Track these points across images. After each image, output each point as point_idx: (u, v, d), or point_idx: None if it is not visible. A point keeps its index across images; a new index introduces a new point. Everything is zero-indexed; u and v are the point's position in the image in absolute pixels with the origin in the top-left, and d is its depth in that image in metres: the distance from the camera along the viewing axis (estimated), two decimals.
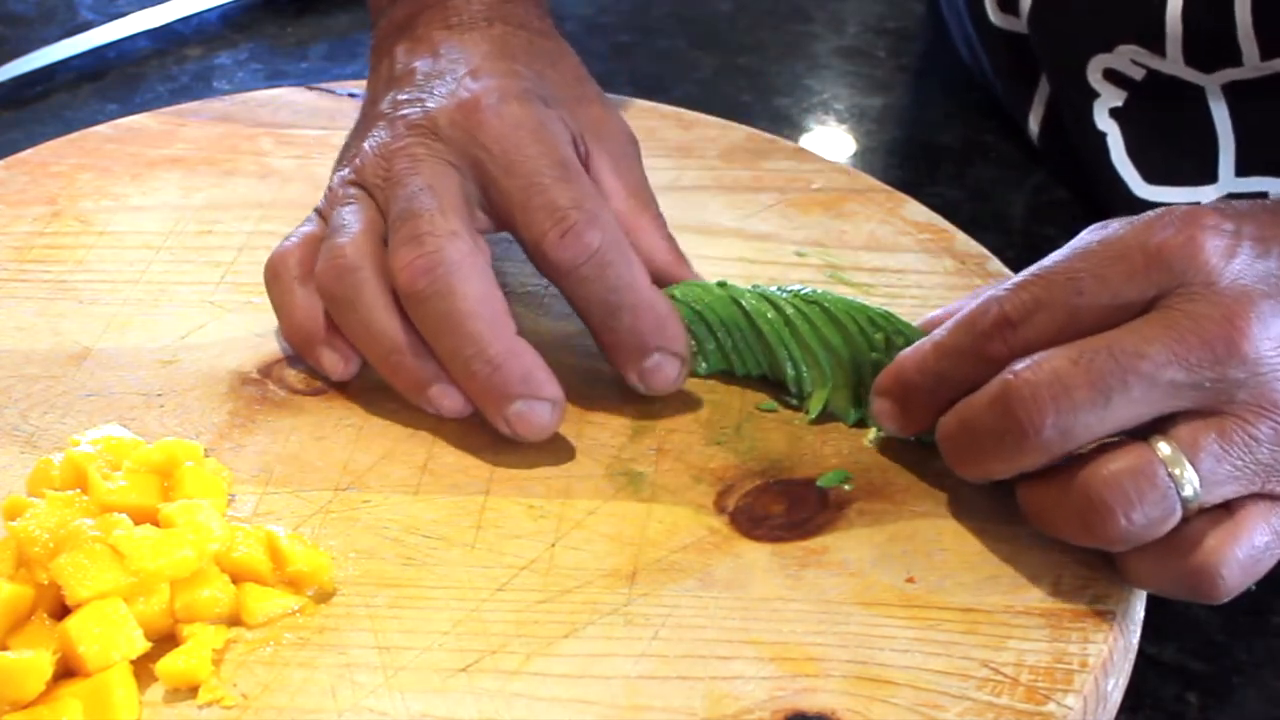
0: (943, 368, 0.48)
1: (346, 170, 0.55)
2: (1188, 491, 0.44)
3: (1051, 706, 0.44)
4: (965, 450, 0.48)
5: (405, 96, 0.56)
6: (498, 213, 0.53)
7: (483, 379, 0.50)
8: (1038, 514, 0.48)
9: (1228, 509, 0.45)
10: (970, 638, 0.46)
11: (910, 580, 0.48)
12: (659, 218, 0.57)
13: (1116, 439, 0.45)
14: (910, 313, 0.55)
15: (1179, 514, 0.44)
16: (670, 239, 0.57)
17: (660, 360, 0.52)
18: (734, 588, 0.48)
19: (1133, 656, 0.48)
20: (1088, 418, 0.44)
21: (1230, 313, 0.44)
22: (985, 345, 0.47)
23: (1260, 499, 0.45)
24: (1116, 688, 0.47)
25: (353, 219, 0.53)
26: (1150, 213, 0.47)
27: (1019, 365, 0.45)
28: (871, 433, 0.53)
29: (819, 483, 0.51)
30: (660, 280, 0.54)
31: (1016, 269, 0.60)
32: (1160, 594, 0.48)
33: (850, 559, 0.49)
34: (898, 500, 0.51)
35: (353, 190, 0.54)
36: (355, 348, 0.53)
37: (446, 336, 0.50)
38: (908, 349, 0.50)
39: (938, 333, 0.49)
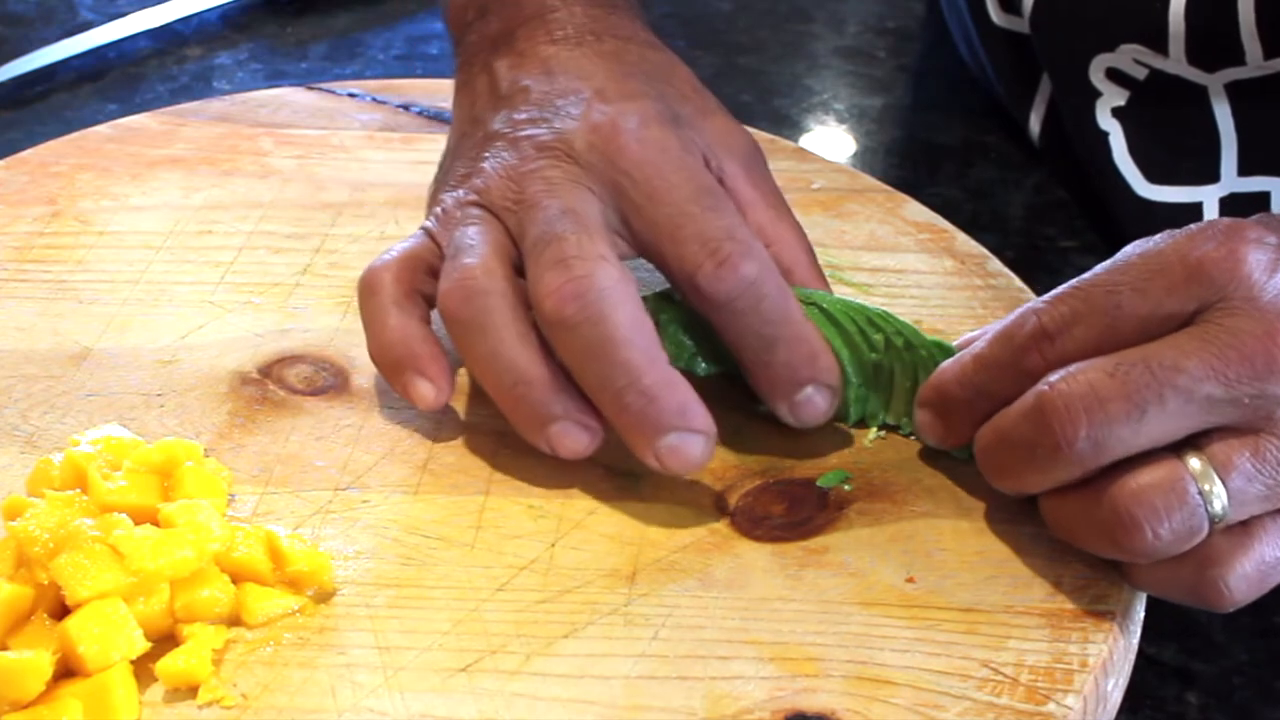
0: (981, 380, 0.48)
1: (461, 191, 0.53)
2: (1216, 508, 0.44)
3: (1051, 706, 0.44)
4: (1000, 462, 0.47)
5: (524, 116, 0.53)
6: (641, 241, 0.50)
7: (636, 411, 0.48)
8: (1062, 524, 0.47)
9: (1243, 521, 0.45)
10: (970, 638, 0.46)
11: (910, 580, 0.48)
12: (797, 227, 0.55)
13: (1148, 453, 0.44)
14: (910, 313, 0.55)
15: (1206, 530, 0.44)
16: (809, 250, 0.55)
17: (813, 393, 0.50)
18: (734, 588, 0.48)
19: (1133, 656, 0.48)
20: (1122, 431, 0.44)
21: (1272, 328, 0.43)
22: (1023, 358, 0.46)
23: (1277, 514, 0.45)
24: (1116, 688, 0.47)
25: (479, 240, 0.50)
26: (1192, 225, 0.46)
27: (1054, 377, 0.45)
28: (871, 433, 0.53)
29: (819, 483, 0.51)
30: None
31: (1016, 269, 0.61)
32: (1169, 599, 0.47)
33: (850, 559, 0.49)
34: (898, 500, 0.51)
35: (475, 211, 0.52)
36: (449, 377, 0.51)
37: (596, 365, 0.48)
38: (948, 361, 0.50)
39: (977, 345, 0.49)
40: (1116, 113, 0.69)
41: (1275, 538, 0.45)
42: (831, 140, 0.81)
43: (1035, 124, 0.76)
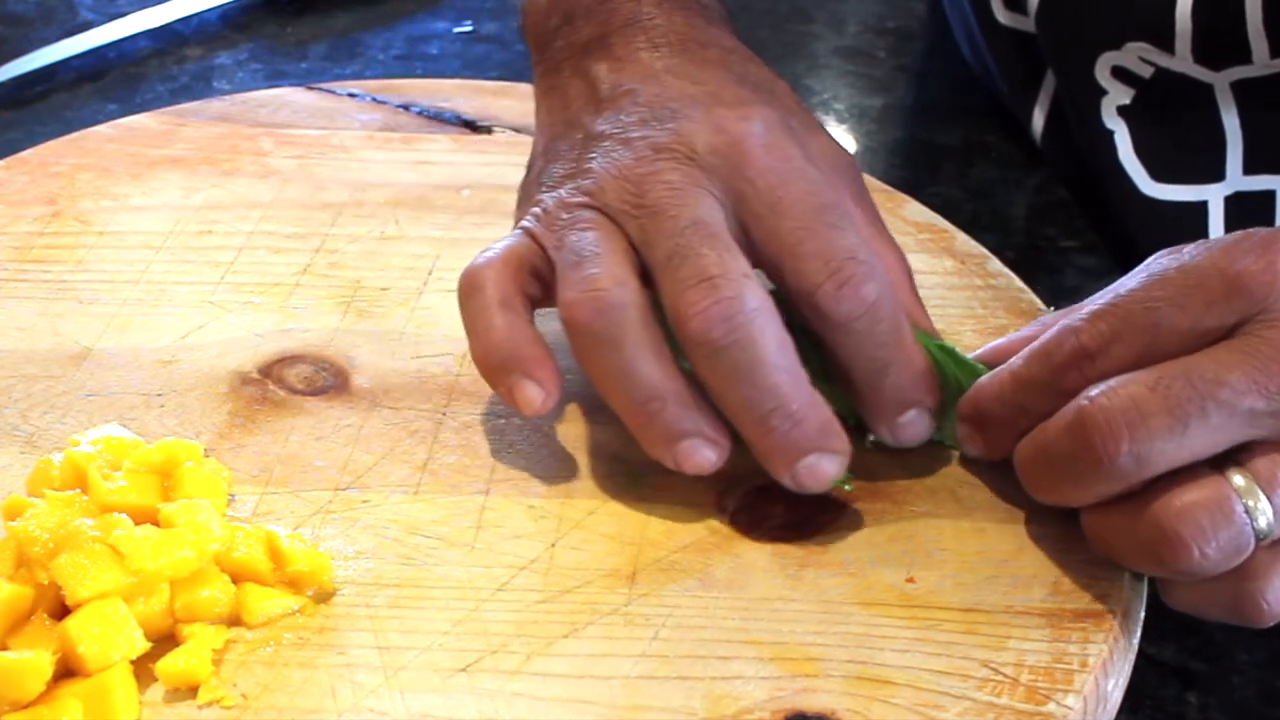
0: (1020, 399, 0.48)
1: (564, 191, 0.51)
2: (1262, 524, 0.43)
3: (1051, 706, 0.44)
4: (1041, 476, 0.47)
5: (633, 118, 0.52)
6: (760, 251, 0.49)
7: (781, 434, 0.47)
8: (1103, 541, 0.47)
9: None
10: (970, 638, 0.46)
11: (910, 580, 0.48)
12: (897, 249, 0.54)
13: (1190, 468, 0.44)
14: None
15: (1252, 547, 0.44)
16: (909, 274, 0.53)
17: (915, 416, 0.50)
18: (734, 588, 0.48)
19: (1133, 656, 0.48)
20: (1164, 445, 0.43)
21: None
22: (1063, 377, 0.46)
23: None
24: (1116, 688, 0.47)
25: (602, 247, 0.49)
26: (1226, 237, 0.46)
27: (1094, 391, 0.44)
28: (872, 434, 0.53)
29: None
30: None
31: (1017, 269, 0.61)
32: (1202, 617, 0.47)
33: (850, 559, 0.49)
34: (898, 500, 0.51)
35: (588, 214, 0.50)
36: (558, 380, 0.50)
37: (743, 388, 0.47)
38: (985, 378, 0.49)
39: (1014, 362, 0.48)
40: (1122, 111, 0.69)
41: None
42: None
43: (1038, 123, 0.76)
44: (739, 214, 0.49)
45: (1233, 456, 0.44)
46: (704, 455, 0.48)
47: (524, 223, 0.52)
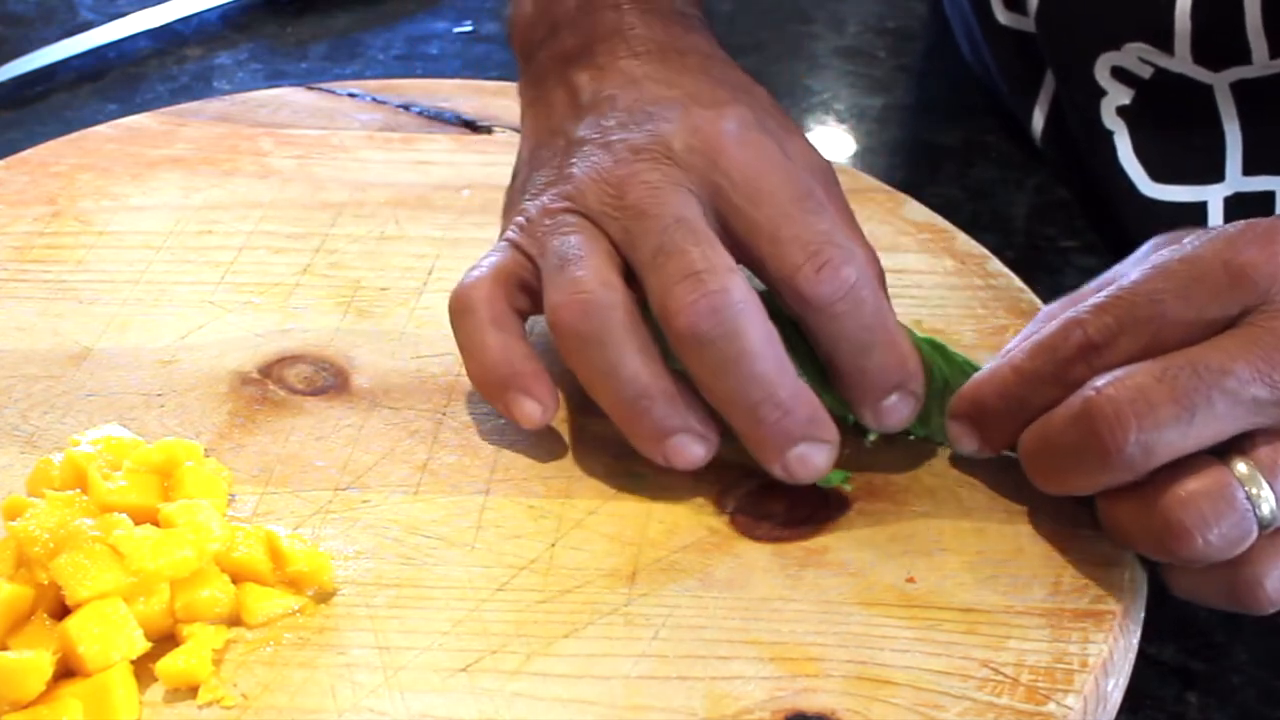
0: (1023, 392, 0.48)
1: (547, 197, 0.52)
2: (1265, 512, 0.44)
3: (1051, 706, 0.44)
4: (1046, 467, 0.47)
5: (613, 122, 0.53)
6: (740, 244, 0.50)
7: (770, 424, 0.48)
8: (1117, 528, 0.47)
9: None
10: (970, 638, 0.46)
11: (910, 580, 0.48)
12: (871, 249, 0.53)
13: (1194, 457, 0.44)
14: (909, 313, 0.55)
15: (1255, 534, 0.44)
16: (881, 276, 0.52)
17: (898, 400, 0.50)
18: (734, 588, 0.48)
19: (1133, 656, 0.48)
20: (1171, 434, 0.44)
21: None
22: (1068, 370, 0.46)
23: None
24: (1116, 688, 0.47)
25: (585, 250, 0.49)
26: (1228, 227, 0.46)
27: (1099, 382, 0.45)
28: (872, 433, 0.53)
29: (819, 483, 0.51)
30: None
31: (1017, 269, 0.61)
32: (1204, 604, 0.48)
33: (850, 559, 0.49)
34: (898, 500, 0.51)
35: (571, 219, 0.51)
36: (554, 395, 0.51)
37: (730, 381, 0.48)
38: (983, 372, 0.50)
39: (1016, 356, 0.48)
40: (1121, 112, 0.69)
41: None
42: (831, 140, 0.81)
43: (1038, 123, 0.76)
44: (718, 209, 0.50)
45: (1235, 445, 0.45)
46: (693, 450, 0.49)
47: (509, 234, 0.53)
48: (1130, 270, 0.47)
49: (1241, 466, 0.44)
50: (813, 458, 0.49)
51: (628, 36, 0.56)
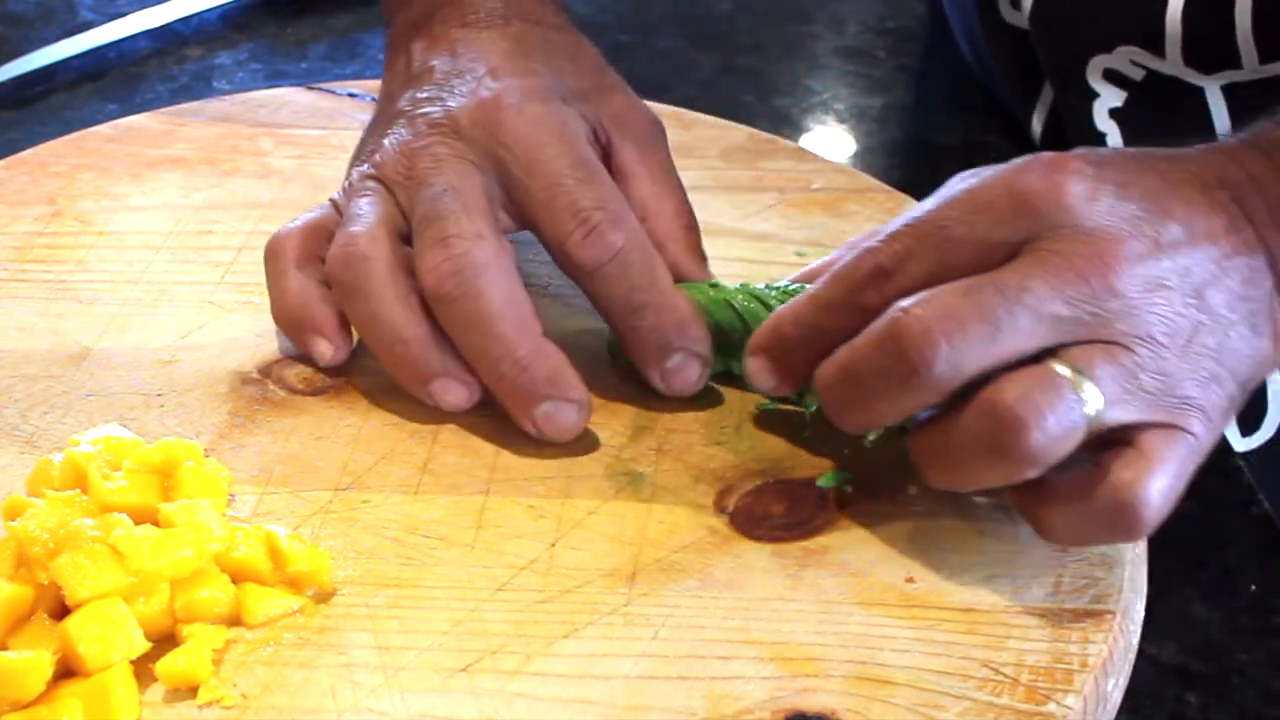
0: (819, 320, 0.49)
1: (365, 165, 0.56)
2: (1090, 405, 0.44)
3: (1051, 706, 0.44)
4: (849, 396, 0.47)
5: (425, 95, 0.56)
6: (520, 212, 0.54)
7: (510, 380, 0.51)
8: (937, 457, 0.47)
9: (1131, 444, 0.45)
10: (970, 638, 0.46)
11: (910, 580, 0.48)
12: (682, 203, 0.57)
13: (1010, 367, 0.45)
14: None
15: (1084, 426, 0.44)
16: (690, 227, 0.57)
17: (682, 361, 0.53)
18: (734, 588, 0.48)
19: (1133, 656, 0.48)
20: (978, 349, 0.44)
21: (1100, 250, 0.45)
22: (860, 295, 0.47)
23: (1156, 429, 0.45)
24: (1116, 688, 0.47)
25: (369, 210, 0.54)
26: (1018, 159, 0.48)
27: (905, 303, 0.45)
28: (872, 433, 0.53)
29: (819, 483, 0.51)
30: (672, 273, 0.54)
31: None
32: (1084, 544, 0.48)
33: (850, 559, 0.49)
34: (898, 500, 0.51)
35: (371, 184, 0.55)
36: (344, 336, 0.54)
37: (474, 337, 0.51)
38: (782, 306, 0.51)
39: (813, 287, 0.49)
40: (1114, 114, 0.69)
41: (1168, 450, 0.45)
42: (831, 140, 0.81)
43: (1038, 123, 0.76)
44: (501, 180, 0.54)
45: (1047, 354, 0.45)
46: (455, 393, 0.52)
47: (334, 194, 0.57)
48: (926, 202, 0.48)
49: (1059, 366, 0.44)
50: (559, 416, 0.52)
51: (463, 4, 0.59)
